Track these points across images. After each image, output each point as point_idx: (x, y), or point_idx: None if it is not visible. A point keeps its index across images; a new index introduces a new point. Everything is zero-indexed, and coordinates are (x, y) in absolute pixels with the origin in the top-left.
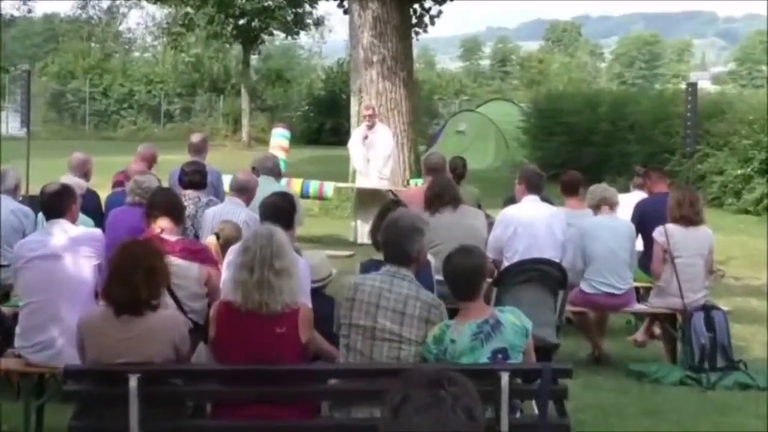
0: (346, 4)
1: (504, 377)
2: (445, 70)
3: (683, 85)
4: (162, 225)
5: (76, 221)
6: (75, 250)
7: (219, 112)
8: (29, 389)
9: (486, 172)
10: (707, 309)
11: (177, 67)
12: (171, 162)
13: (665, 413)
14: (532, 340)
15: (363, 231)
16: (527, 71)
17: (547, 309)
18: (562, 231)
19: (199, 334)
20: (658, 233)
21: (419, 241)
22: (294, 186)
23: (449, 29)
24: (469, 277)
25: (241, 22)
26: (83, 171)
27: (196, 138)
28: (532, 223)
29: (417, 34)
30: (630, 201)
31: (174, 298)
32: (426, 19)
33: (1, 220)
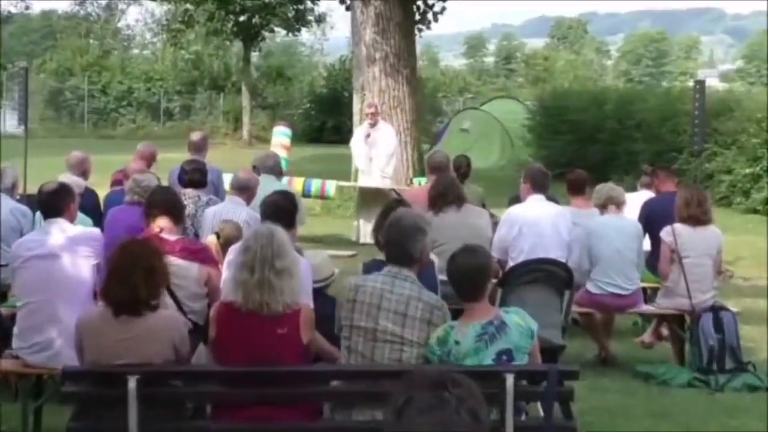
0: (348, 0)
1: (509, 379)
2: (449, 67)
3: (691, 83)
4: (161, 224)
5: (74, 220)
6: (73, 249)
7: (219, 110)
8: (27, 390)
9: (490, 170)
10: (715, 310)
11: (176, 65)
12: (170, 160)
13: (673, 415)
14: (537, 341)
15: (365, 230)
16: (532, 69)
17: (553, 310)
18: (567, 230)
19: (199, 334)
20: (665, 233)
21: (421, 241)
22: (295, 185)
23: (453, 26)
24: (474, 278)
25: (242, 18)
26: (81, 169)
27: (196, 136)
28: (537, 223)
29: (420, 30)
30: (637, 200)
31: (173, 298)
32: (429, 16)
33: None
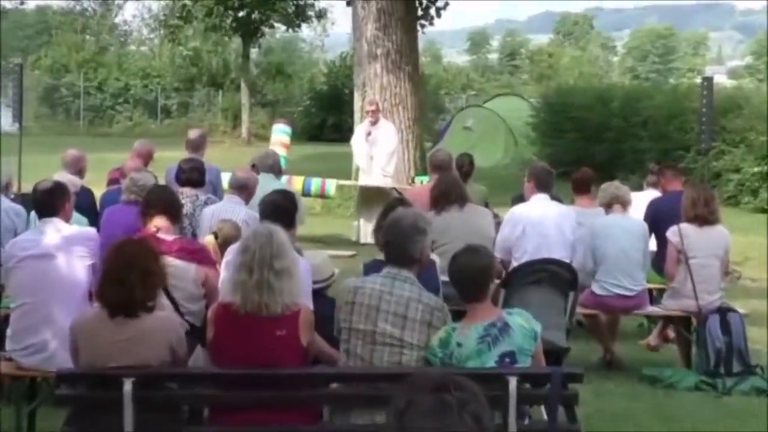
0: None
1: (512, 382)
2: (452, 64)
3: (698, 80)
4: (158, 224)
5: (69, 220)
6: (68, 249)
7: (218, 107)
8: (21, 393)
9: (494, 169)
10: (723, 311)
11: (174, 61)
12: (168, 159)
13: (679, 419)
14: (541, 343)
15: (366, 230)
16: (537, 65)
17: (557, 311)
18: (572, 230)
19: (197, 336)
20: (672, 233)
21: (421, 242)
22: (295, 184)
23: (456, 22)
24: (476, 278)
25: (241, 14)
26: (77, 168)
27: (193, 134)
28: (541, 223)
29: (423, 26)
30: (643, 199)
31: (170, 299)
32: (432, 11)
33: None
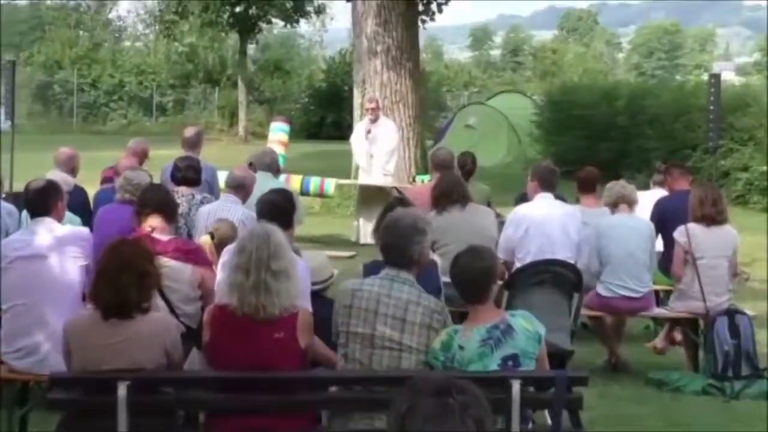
0: None
1: (515, 385)
2: (454, 60)
3: (706, 77)
4: (153, 224)
5: (62, 219)
6: (61, 250)
7: (214, 104)
8: (12, 397)
9: (497, 168)
10: (731, 314)
11: (170, 57)
12: (163, 157)
13: (686, 424)
14: (545, 346)
15: (366, 230)
16: (540, 62)
17: (561, 313)
18: (576, 230)
19: (192, 339)
20: (679, 233)
21: (420, 243)
22: (293, 183)
23: (458, 17)
24: (479, 280)
25: (238, 9)
26: (70, 166)
27: (189, 132)
28: (545, 223)
29: (424, 22)
30: (649, 199)
31: (165, 300)
32: (433, 7)
33: None
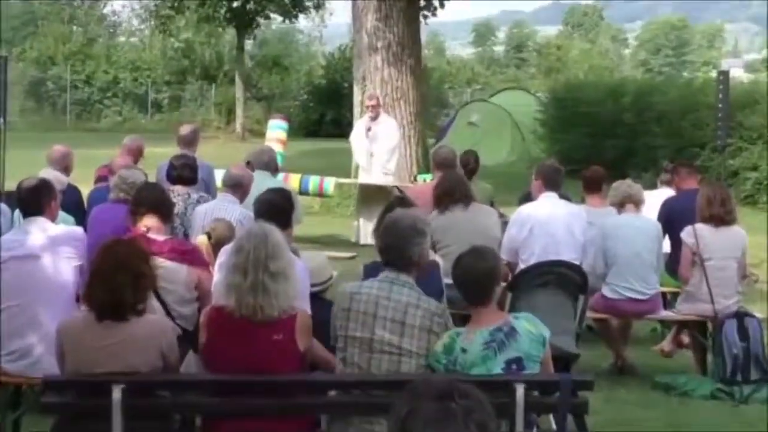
0: None
1: (519, 389)
2: (456, 56)
3: (714, 74)
4: (148, 223)
5: (55, 219)
6: (54, 250)
7: (211, 101)
8: (5, 401)
9: (500, 167)
10: (740, 316)
11: (165, 53)
12: (159, 155)
13: (694, 429)
14: (549, 349)
15: (366, 231)
16: (545, 58)
17: (566, 315)
18: (582, 231)
19: (189, 341)
20: (686, 234)
21: (420, 244)
22: (292, 182)
23: (460, 12)
24: (482, 281)
25: (235, 4)
26: (64, 165)
27: (185, 129)
28: (549, 223)
29: (425, 17)
30: (656, 199)
31: (161, 302)
32: (435, 2)
33: None
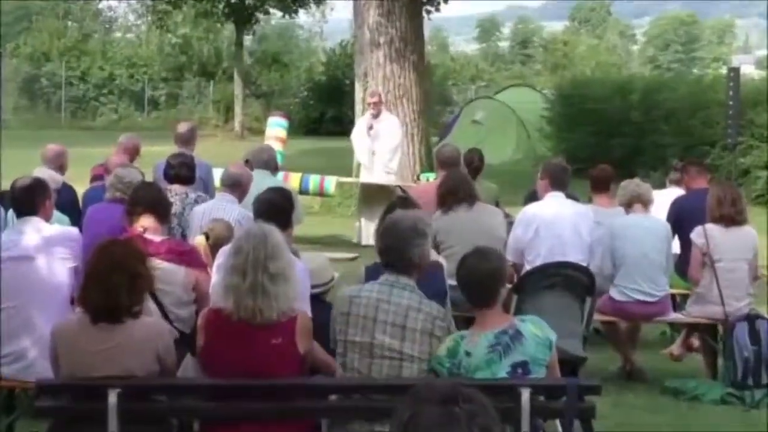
0: None
1: (524, 394)
2: (460, 52)
3: (724, 70)
4: (145, 223)
5: (50, 219)
6: (49, 251)
7: (209, 98)
8: None
9: (505, 165)
10: (751, 319)
11: (162, 49)
12: (155, 154)
13: None
14: (556, 352)
15: (368, 231)
16: (551, 54)
17: (573, 318)
18: (589, 231)
19: (186, 344)
20: (696, 234)
21: (421, 246)
22: (292, 181)
23: (464, 8)
24: (486, 283)
25: None
26: (58, 163)
27: (183, 127)
28: (555, 223)
29: (429, 12)
30: (666, 198)
31: (158, 304)
32: None
33: None
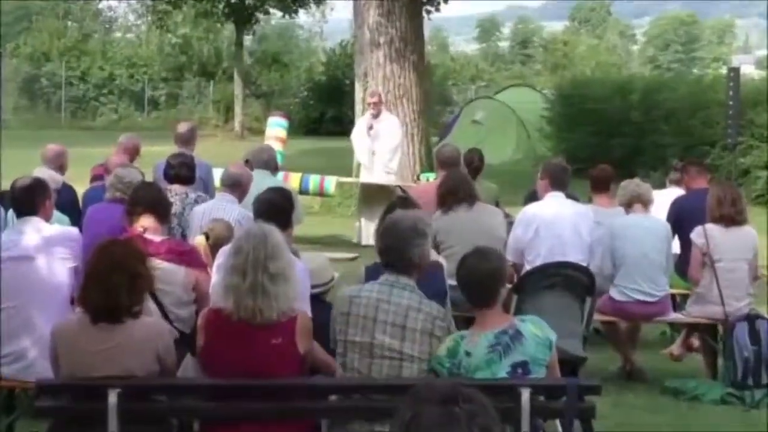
0: None
1: (524, 394)
2: (460, 52)
3: (724, 70)
4: (145, 224)
5: (50, 219)
6: (49, 251)
7: (209, 98)
8: None
9: (505, 165)
10: (751, 319)
11: (162, 49)
12: (155, 154)
13: None
14: (556, 352)
15: (368, 231)
16: (551, 54)
17: (573, 318)
18: (589, 231)
19: (186, 344)
20: (696, 234)
21: (421, 246)
22: (292, 181)
23: (464, 8)
24: (486, 283)
25: None
26: (58, 163)
27: (183, 127)
28: (555, 223)
29: (429, 12)
30: (665, 198)
31: (158, 304)
32: None
33: None
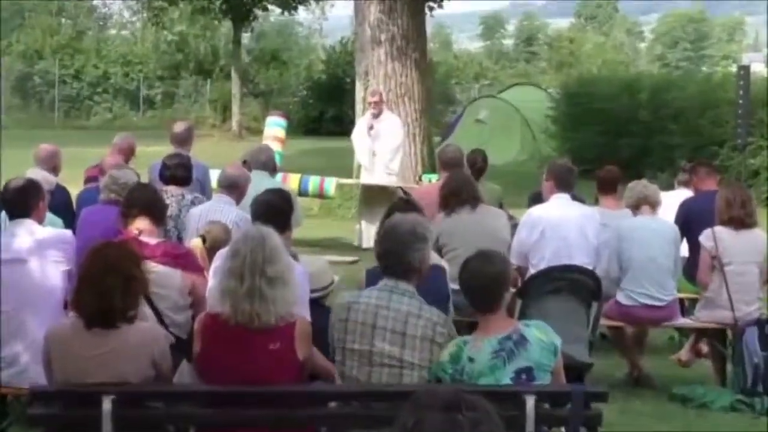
0: None
1: (529, 401)
2: (463, 50)
3: (734, 68)
4: (140, 226)
5: (43, 221)
6: (42, 253)
7: (206, 97)
8: None
9: (509, 166)
10: (761, 324)
11: (158, 47)
12: (151, 154)
13: None
14: (561, 358)
15: (369, 234)
16: (556, 52)
17: (579, 323)
18: (595, 234)
19: (182, 350)
20: (705, 237)
21: (421, 250)
22: (291, 182)
23: (468, 4)
24: (490, 287)
25: None
26: (52, 164)
27: (179, 127)
28: (561, 225)
29: (431, 9)
30: (674, 200)
31: (153, 309)
32: None
33: None
